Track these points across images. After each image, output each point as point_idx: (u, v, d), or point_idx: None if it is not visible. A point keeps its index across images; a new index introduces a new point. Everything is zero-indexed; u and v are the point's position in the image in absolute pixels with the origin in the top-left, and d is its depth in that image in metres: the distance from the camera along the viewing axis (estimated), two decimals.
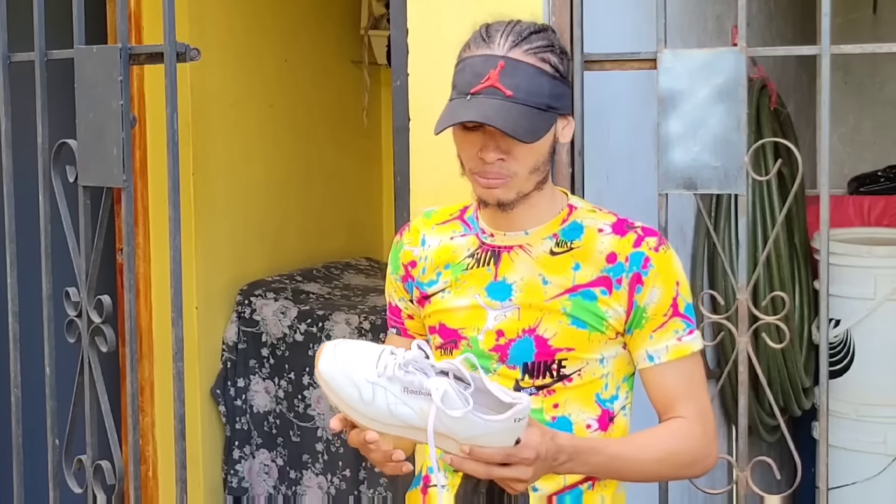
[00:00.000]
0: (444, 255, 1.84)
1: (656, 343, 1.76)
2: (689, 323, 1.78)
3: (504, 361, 1.76)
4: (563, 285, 1.76)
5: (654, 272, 1.74)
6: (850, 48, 1.86)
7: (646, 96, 2.28)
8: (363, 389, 1.54)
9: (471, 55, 1.70)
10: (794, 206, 3.72)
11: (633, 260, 1.75)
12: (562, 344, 1.74)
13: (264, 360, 3.78)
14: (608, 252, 1.76)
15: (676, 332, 1.76)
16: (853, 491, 3.70)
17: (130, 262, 1.96)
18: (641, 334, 1.76)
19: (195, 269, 3.66)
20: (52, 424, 2.06)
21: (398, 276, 1.89)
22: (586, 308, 1.75)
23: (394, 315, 1.92)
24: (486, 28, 1.73)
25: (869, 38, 5.16)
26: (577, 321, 1.74)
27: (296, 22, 4.24)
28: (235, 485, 3.80)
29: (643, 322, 1.75)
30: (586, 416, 1.77)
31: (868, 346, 3.76)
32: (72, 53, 1.97)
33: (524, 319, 1.76)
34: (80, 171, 1.97)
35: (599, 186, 2.36)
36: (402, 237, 1.90)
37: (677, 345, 1.76)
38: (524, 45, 1.69)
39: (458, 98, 1.69)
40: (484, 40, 1.70)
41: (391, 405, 1.54)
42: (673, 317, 1.76)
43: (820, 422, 1.91)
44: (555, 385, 1.75)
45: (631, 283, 1.74)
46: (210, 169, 3.73)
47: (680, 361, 1.77)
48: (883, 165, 5.05)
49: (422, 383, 1.54)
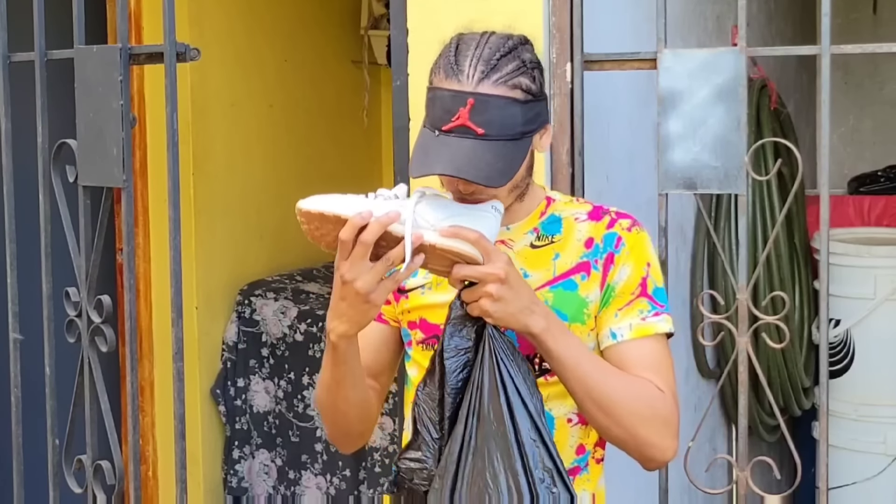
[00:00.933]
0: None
1: (620, 321, 1.74)
2: (655, 305, 1.75)
3: None
4: (544, 278, 1.76)
5: (625, 251, 1.75)
6: (850, 48, 1.86)
7: (646, 96, 2.28)
8: (353, 200, 1.58)
9: (440, 87, 1.66)
10: (794, 206, 3.73)
11: (606, 240, 1.76)
12: None
13: (264, 360, 3.78)
14: (586, 238, 1.77)
15: (641, 311, 1.74)
16: (853, 491, 3.70)
17: (130, 262, 1.96)
18: (608, 312, 1.75)
19: (195, 269, 3.66)
20: (52, 424, 2.06)
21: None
22: (567, 299, 1.75)
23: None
24: (455, 50, 1.68)
25: (869, 38, 5.16)
26: (558, 313, 1.73)
27: (296, 22, 4.24)
28: (235, 485, 3.80)
29: (610, 300, 1.75)
30: (567, 409, 1.76)
31: (868, 346, 3.76)
32: (72, 53, 1.97)
33: None
34: (80, 171, 1.97)
35: (599, 186, 2.36)
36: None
37: (641, 324, 1.74)
38: (493, 74, 1.64)
39: (429, 130, 1.67)
40: (453, 70, 1.66)
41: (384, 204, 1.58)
42: (640, 296, 1.75)
43: (820, 422, 1.91)
44: (538, 380, 1.74)
45: (605, 263, 1.75)
46: (210, 169, 3.73)
47: (643, 340, 1.73)
48: (883, 165, 5.05)
49: (397, 197, 1.60)
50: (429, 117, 1.68)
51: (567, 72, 2.05)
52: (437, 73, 1.69)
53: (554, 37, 2.07)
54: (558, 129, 2.07)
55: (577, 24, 2.02)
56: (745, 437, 1.90)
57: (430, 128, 1.67)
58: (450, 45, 1.70)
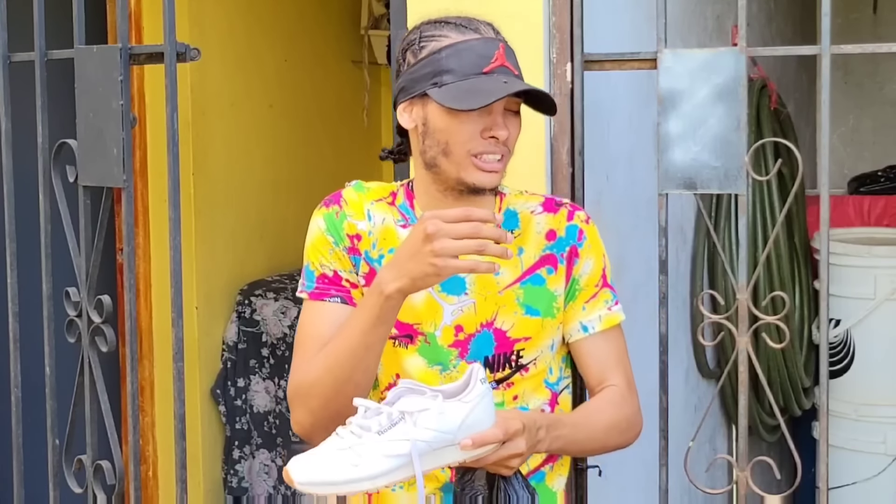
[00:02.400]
0: (390, 238, 1.81)
1: (589, 313, 1.83)
2: (614, 294, 1.86)
3: (464, 357, 1.77)
4: (514, 274, 1.79)
5: (587, 244, 1.83)
6: (850, 48, 1.86)
7: (646, 96, 2.28)
8: (345, 459, 1.53)
9: (462, 40, 1.72)
10: (794, 206, 3.73)
11: (569, 233, 1.82)
12: (519, 334, 1.78)
13: (264, 360, 3.78)
14: (546, 230, 1.82)
15: (606, 301, 1.84)
16: (853, 491, 3.70)
17: (130, 262, 1.96)
18: (574, 306, 1.82)
19: (195, 269, 3.66)
20: (52, 424, 2.06)
21: (343, 247, 1.80)
22: (537, 294, 1.79)
23: (334, 284, 1.79)
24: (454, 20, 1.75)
25: (869, 38, 5.17)
26: (531, 309, 1.79)
27: (296, 22, 4.24)
28: (235, 485, 3.80)
29: (576, 293, 1.82)
30: (540, 401, 1.82)
31: (868, 346, 3.76)
32: (72, 53, 1.97)
33: (481, 313, 1.78)
34: (80, 171, 1.96)
35: (599, 186, 2.36)
36: (342, 208, 1.82)
37: (608, 314, 1.84)
38: (497, 31, 1.76)
39: (466, 79, 1.69)
40: (465, 26, 1.73)
41: (380, 451, 1.52)
42: (603, 287, 1.85)
43: (820, 422, 1.91)
44: (514, 377, 1.79)
45: (569, 257, 1.82)
46: (210, 169, 3.73)
47: (611, 331, 1.85)
48: (883, 165, 5.05)
49: (388, 415, 1.54)
50: (454, 71, 1.70)
51: (567, 72, 2.05)
52: (442, 36, 1.73)
53: (554, 37, 2.07)
54: (558, 129, 2.07)
55: (577, 24, 2.02)
56: (745, 437, 1.90)
57: (462, 77, 1.69)
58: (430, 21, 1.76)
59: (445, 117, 1.71)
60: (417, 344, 1.77)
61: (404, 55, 1.77)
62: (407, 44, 1.77)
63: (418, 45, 1.74)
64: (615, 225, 2.48)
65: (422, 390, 1.57)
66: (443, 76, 1.70)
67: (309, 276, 1.81)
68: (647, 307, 2.46)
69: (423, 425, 1.54)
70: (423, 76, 1.72)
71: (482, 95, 1.67)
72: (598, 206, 2.33)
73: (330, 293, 1.79)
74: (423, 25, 1.77)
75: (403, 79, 1.76)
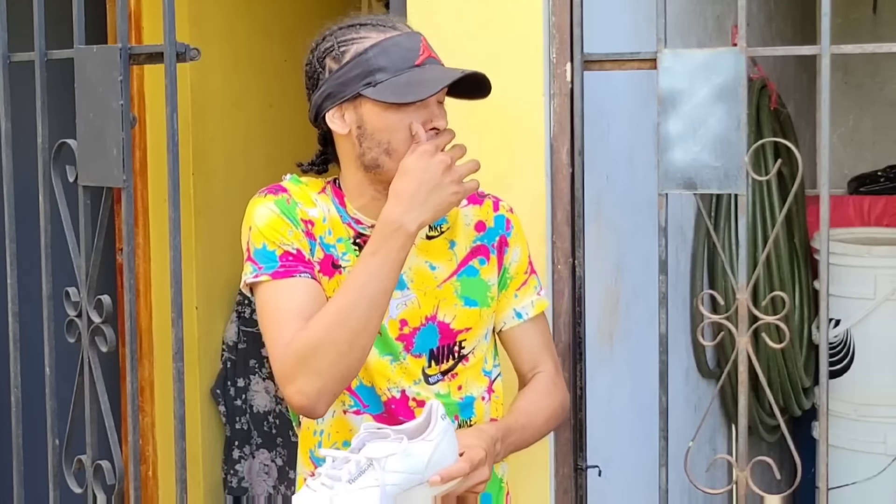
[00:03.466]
0: (338, 227, 1.81)
1: (521, 300, 1.88)
2: (539, 280, 1.92)
3: (410, 350, 1.80)
4: (449, 268, 1.83)
5: (514, 232, 1.88)
6: (850, 48, 1.85)
7: (646, 96, 2.28)
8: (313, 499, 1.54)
9: (386, 37, 1.74)
10: (794, 206, 3.73)
11: (497, 223, 1.87)
12: (461, 325, 1.83)
13: (264, 360, 3.78)
14: (475, 222, 1.86)
15: (535, 287, 1.90)
16: (853, 491, 3.70)
17: (130, 262, 1.96)
18: (507, 294, 1.87)
19: (195, 269, 3.65)
20: (52, 424, 2.06)
21: (302, 229, 1.77)
22: (473, 285, 1.83)
23: (300, 261, 1.75)
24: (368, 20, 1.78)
25: (869, 38, 5.16)
26: (469, 300, 1.83)
27: (296, 22, 4.23)
28: (235, 485, 3.80)
29: (508, 282, 1.87)
30: (480, 390, 1.86)
31: (868, 346, 3.76)
32: (72, 53, 1.97)
33: (424, 307, 1.81)
34: (80, 171, 1.96)
35: (599, 186, 2.36)
36: (291, 195, 1.80)
37: (538, 299, 1.90)
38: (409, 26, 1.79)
39: (400, 73, 1.71)
40: (383, 25, 1.76)
41: (354, 501, 1.54)
42: (531, 274, 1.90)
43: (820, 422, 1.90)
44: (457, 367, 1.83)
45: (499, 246, 1.86)
46: (210, 169, 3.73)
47: (541, 316, 1.91)
48: (883, 165, 5.05)
49: (357, 463, 1.56)
50: (386, 69, 1.71)
51: (567, 72, 2.04)
52: (362, 38, 1.75)
53: (554, 37, 2.07)
54: (558, 129, 2.07)
55: (577, 24, 2.02)
56: (745, 437, 1.90)
57: (396, 72, 1.71)
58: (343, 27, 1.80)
59: (383, 116, 1.72)
60: None
61: (322, 63, 1.77)
62: (323, 52, 1.78)
63: (338, 49, 1.75)
64: (615, 225, 2.48)
65: (385, 433, 1.60)
66: (375, 75, 1.71)
67: (269, 257, 1.75)
68: (647, 307, 2.46)
69: (392, 469, 1.57)
70: (351, 79, 1.73)
71: (424, 85, 1.69)
72: (598, 206, 2.33)
73: (298, 269, 1.73)
74: (335, 31, 1.79)
75: (328, 85, 1.76)
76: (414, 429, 1.63)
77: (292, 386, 1.66)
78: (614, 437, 2.23)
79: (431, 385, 1.82)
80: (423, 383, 1.82)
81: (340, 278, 1.78)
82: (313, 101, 1.81)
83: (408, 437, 1.59)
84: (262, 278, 1.74)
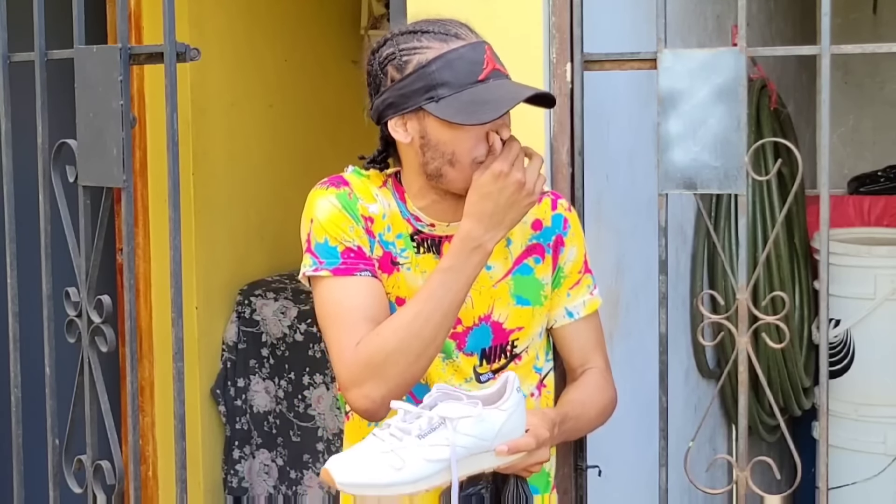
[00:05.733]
0: (398, 223, 1.80)
1: (574, 300, 1.88)
2: (594, 278, 1.91)
3: (462, 349, 1.80)
4: (504, 267, 1.82)
5: (571, 232, 1.88)
6: (850, 48, 1.85)
7: (646, 96, 2.27)
8: (387, 462, 1.53)
9: (449, 49, 1.70)
10: (794, 206, 3.72)
11: (554, 222, 1.86)
12: (514, 325, 1.82)
13: (264, 360, 3.78)
14: (532, 220, 1.85)
15: (588, 287, 1.90)
16: (853, 491, 3.70)
17: (130, 262, 1.96)
18: (559, 293, 1.87)
19: (195, 269, 3.65)
20: (52, 424, 2.06)
21: (362, 226, 1.76)
22: (526, 284, 1.83)
23: (362, 258, 1.75)
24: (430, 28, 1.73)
25: (869, 38, 5.16)
26: (522, 299, 1.83)
27: (296, 22, 4.24)
28: (235, 485, 3.80)
29: (561, 281, 1.87)
30: (530, 386, 1.87)
31: (868, 346, 3.76)
32: (72, 53, 1.97)
33: (478, 307, 1.80)
34: (80, 171, 1.96)
35: (599, 186, 2.36)
36: (352, 189, 1.80)
37: (591, 299, 1.90)
38: (472, 29, 1.75)
39: (463, 89, 1.68)
40: (445, 34, 1.71)
41: (421, 456, 1.53)
42: (585, 273, 1.90)
43: (820, 422, 1.91)
44: (508, 366, 1.83)
45: (555, 246, 1.86)
46: (210, 169, 3.73)
47: (593, 315, 1.90)
48: (883, 165, 5.05)
49: (429, 420, 1.55)
50: (449, 84, 1.68)
51: (567, 72, 2.05)
52: (424, 48, 1.71)
53: (554, 37, 2.07)
54: (558, 129, 2.07)
55: (577, 24, 2.02)
56: (745, 437, 1.90)
57: (459, 88, 1.68)
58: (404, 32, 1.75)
59: (447, 130, 1.70)
60: None
61: (383, 70, 1.75)
62: (384, 58, 1.75)
63: (400, 58, 1.72)
64: (615, 225, 2.48)
65: (458, 396, 1.59)
66: (438, 90, 1.69)
67: (331, 252, 1.74)
68: (647, 307, 2.46)
69: (463, 431, 1.56)
70: (414, 91, 1.70)
71: (489, 107, 1.66)
72: (598, 206, 2.33)
73: (359, 267, 1.74)
74: (396, 37, 1.75)
75: (390, 94, 1.74)
76: (486, 396, 1.61)
77: (358, 390, 1.68)
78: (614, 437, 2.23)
79: (482, 383, 1.81)
80: (473, 381, 1.81)
81: (399, 275, 1.78)
82: (375, 105, 1.79)
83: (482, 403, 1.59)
84: (322, 273, 1.75)
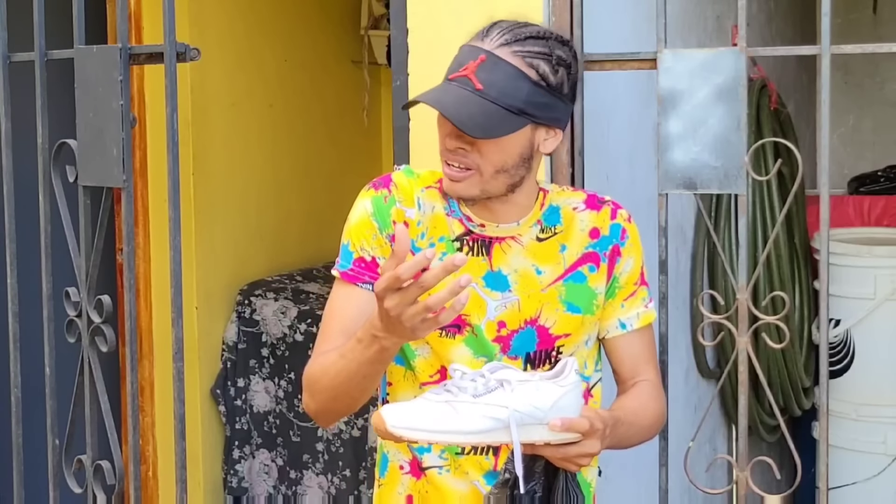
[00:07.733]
0: (440, 226, 1.79)
1: (627, 311, 1.85)
2: (650, 291, 1.88)
3: (506, 352, 1.78)
4: (556, 272, 1.80)
5: (629, 242, 1.84)
6: (850, 48, 1.85)
7: (646, 96, 2.28)
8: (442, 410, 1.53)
9: (465, 45, 1.72)
10: (794, 206, 3.72)
11: (613, 231, 1.83)
12: (561, 331, 1.79)
13: (264, 360, 3.78)
14: (590, 228, 1.83)
15: (643, 300, 1.86)
16: (853, 491, 3.70)
17: (130, 262, 1.96)
18: (613, 304, 1.84)
19: (195, 269, 3.65)
20: (52, 424, 2.06)
21: (387, 234, 1.76)
22: (579, 291, 1.80)
23: (370, 270, 1.76)
24: (491, 23, 1.73)
25: (869, 38, 5.16)
26: (572, 307, 1.79)
27: (296, 22, 4.24)
28: (235, 485, 3.80)
29: (616, 291, 1.83)
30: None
31: (868, 346, 3.76)
32: (72, 53, 1.97)
33: (525, 310, 1.78)
34: (80, 171, 1.97)
35: (599, 186, 2.36)
36: (392, 192, 1.79)
37: (645, 312, 1.86)
38: (515, 45, 1.68)
39: (443, 81, 1.71)
40: (483, 32, 1.72)
41: (477, 411, 1.53)
42: (641, 285, 1.86)
43: (820, 422, 1.91)
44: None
45: (611, 256, 1.82)
46: (210, 169, 3.73)
47: (647, 328, 1.87)
48: (883, 165, 5.05)
49: (486, 382, 1.56)
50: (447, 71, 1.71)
51: None
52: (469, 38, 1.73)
53: None
54: None
55: (577, 24, 2.02)
56: (745, 437, 1.90)
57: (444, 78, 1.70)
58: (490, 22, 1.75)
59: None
60: (465, 334, 1.76)
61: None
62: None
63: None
64: None
65: (514, 369, 1.61)
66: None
67: (346, 256, 1.78)
68: None
69: (520, 396, 1.56)
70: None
71: (419, 97, 1.68)
72: None
73: (363, 278, 1.76)
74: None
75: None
76: (543, 376, 1.61)
77: (303, 394, 1.78)
78: None
79: None
80: None
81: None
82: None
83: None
84: (335, 272, 1.80)
